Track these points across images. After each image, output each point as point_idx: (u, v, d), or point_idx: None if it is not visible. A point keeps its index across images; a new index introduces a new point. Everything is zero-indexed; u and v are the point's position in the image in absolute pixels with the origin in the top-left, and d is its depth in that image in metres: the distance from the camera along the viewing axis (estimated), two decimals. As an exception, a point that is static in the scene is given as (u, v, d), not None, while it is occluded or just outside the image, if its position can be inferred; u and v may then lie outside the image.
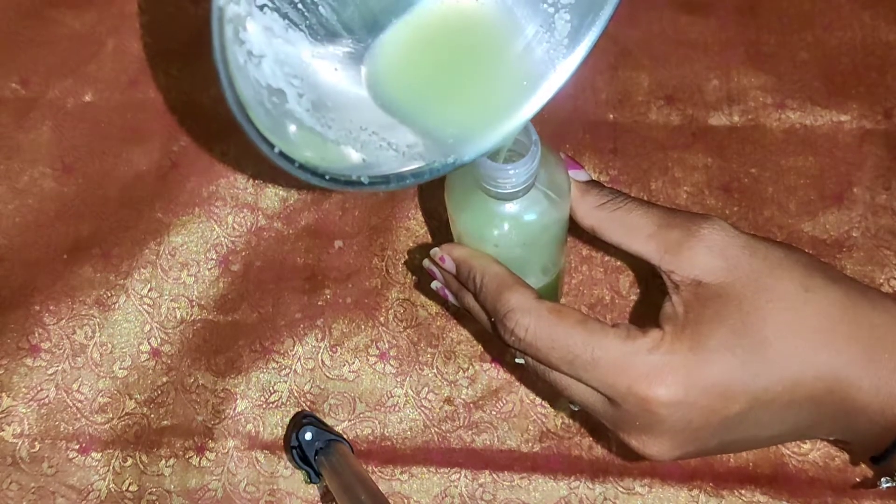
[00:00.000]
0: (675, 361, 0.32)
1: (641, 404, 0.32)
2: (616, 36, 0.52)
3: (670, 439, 0.33)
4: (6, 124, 0.52)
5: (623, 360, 0.32)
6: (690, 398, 0.32)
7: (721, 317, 0.32)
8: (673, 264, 0.34)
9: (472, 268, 0.36)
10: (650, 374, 0.32)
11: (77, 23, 0.53)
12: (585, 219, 0.36)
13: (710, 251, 0.33)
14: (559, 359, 0.33)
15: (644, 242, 0.35)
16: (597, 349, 0.32)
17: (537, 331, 0.33)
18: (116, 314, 0.48)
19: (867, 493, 0.44)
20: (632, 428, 0.33)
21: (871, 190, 0.48)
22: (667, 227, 0.34)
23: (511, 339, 0.34)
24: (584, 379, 0.33)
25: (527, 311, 0.34)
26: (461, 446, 0.46)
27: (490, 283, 0.35)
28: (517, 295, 0.34)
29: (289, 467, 0.46)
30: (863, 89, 0.50)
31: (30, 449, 0.47)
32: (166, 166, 0.51)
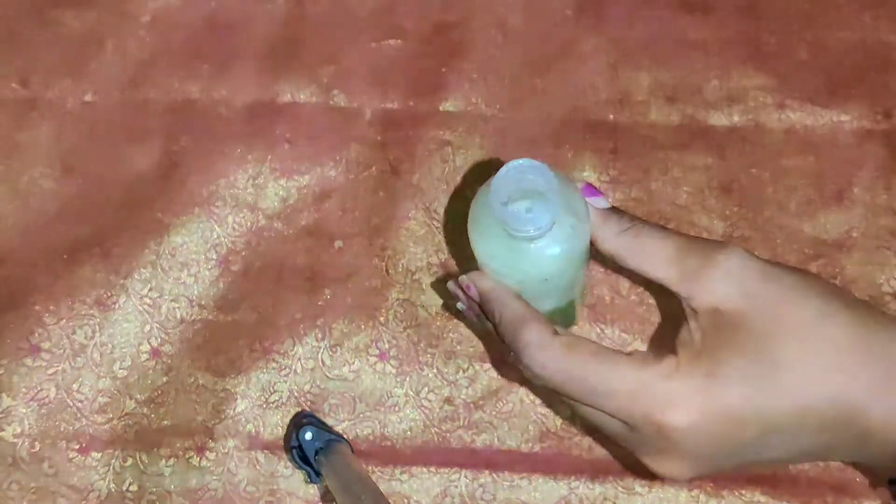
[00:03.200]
0: (690, 388, 0.33)
1: (658, 430, 0.33)
2: (616, 36, 0.52)
3: (686, 462, 0.34)
4: (6, 124, 0.52)
5: (638, 388, 0.33)
6: (705, 424, 0.33)
7: (736, 344, 0.33)
8: (691, 291, 0.34)
9: (492, 301, 0.37)
10: (666, 400, 0.33)
11: (77, 23, 0.53)
12: (606, 246, 0.37)
13: (727, 278, 0.34)
14: (576, 392, 0.34)
15: (663, 269, 0.35)
16: (612, 380, 0.34)
17: (553, 366, 0.34)
18: (116, 314, 0.48)
19: (867, 493, 0.44)
20: (648, 451, 0.35)
21: (871, 190, 0.48)
22: (685, 254, 0.35)
23: (528, 373, 0.35)
24: (601, 408, 0.34)
25: (542, 348, 0.34)
26: (461, 446, 0.46)
27: (508, 317, 0.36)
28: (533, 332, 0.35)
29: (289, 467, 0.46)
30: (863, 89, 0.50)
31: (30, 449, 0.47)
32: (166, 166, 0.51)
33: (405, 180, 0.50)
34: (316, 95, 0.51)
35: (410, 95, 0.51)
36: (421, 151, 0.50)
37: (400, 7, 0.53)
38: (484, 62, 0.52)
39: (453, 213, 0.49)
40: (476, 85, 0.51)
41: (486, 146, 0.50)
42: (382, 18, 0.53)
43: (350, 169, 0.50)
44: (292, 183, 0.50)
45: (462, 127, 0.51)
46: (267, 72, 0.52)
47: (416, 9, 0.53)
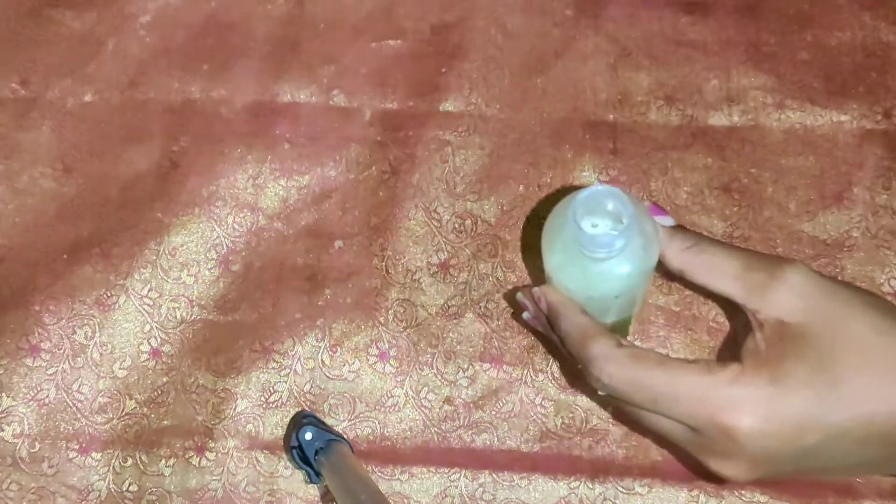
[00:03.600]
0: (755, 393, 0.35)
1: (723, 433, 0.35)
2: (616, 36, 0.52)
3: (748, 464, 0.36)
4: (6, 124, 0.52)
5: (704, 394, 0.35)
6: (769, 428, 0.35)
7: (800, 355, 0.35)
8: (757, 304, 0.37)
9: (560, 315, 0.39)
10: (731, 404, 0.35)
11: (77, 23, 0.53)
12: (673, 262, 0.39)
13: (791, 293, 0.36)
14: (643, 399, 0.37)
15: (730, 284, 0.37)
16: (678, 386, 0.36)
17: (621, 376, 0.36)
18: (116, 314, 0.48)
19: (869, 494, 0.44)
20: (712, 453, 0.37)
21: (871, 190, 0.48)
22: (751, 270, 0.37)
23: (597, 384, 0.37)
24: (668, 414, 0.36)
25: (609, 360, 0.37)
26: (461, 446, 0.46)
27: (575, 331, 0.38)
28: (600, 344, 0.37)
29: (289, 467, 0.46)
30: (863, 89, 0.50)
31: (30, 449, 0.47)
32: (166, 166, 0.51)
33: (405, 180, 0.50)
34: (316, 95, 0.51)
35: (410, 95, 0.51)
36: (421, 151, 0.50)
37: (400, 7, 0.53)
38: (484, 62, 0.52)
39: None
40: (476, 85, 0.51)
41: (486, 146, 0.50)
42: (382, 18, 0.53)
43: (350, 169, 0.50)
44: (292, 183, 0.50)
45: (462, 127, 0.51)
46: (267, 72, 0.52)
47: (416, 9, 0.53)
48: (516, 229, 0.49)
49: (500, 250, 0.49)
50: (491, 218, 0.49)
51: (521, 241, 0.49)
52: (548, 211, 0.39)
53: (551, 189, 0.49)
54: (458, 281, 0.48)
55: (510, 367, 0.47)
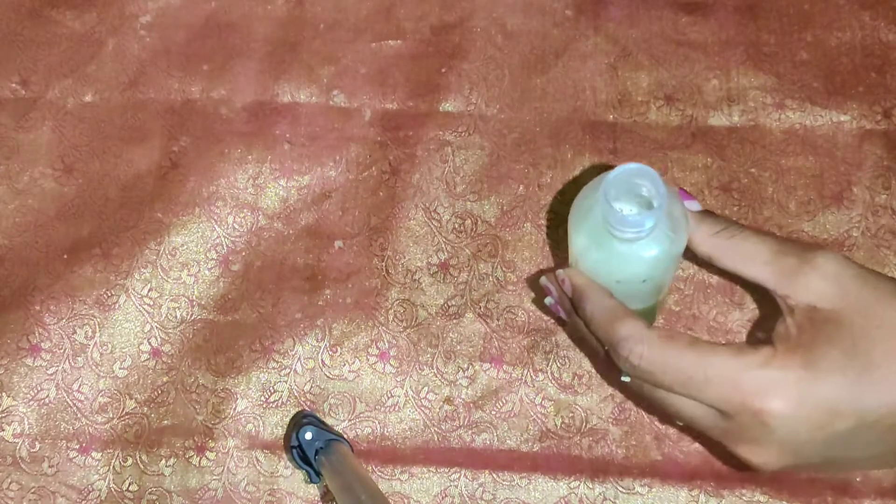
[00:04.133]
0: (788, 377, 0.34)
1: (754, 417, 0.35)
2: (616, 36, 0.52)
3: (777, 450, 0.35)
4: (6, 124, 0.52)
5: (736, 376, 0.35)
6: (801, 412, 0.34)
7: (833, 340, 0.35)
8: (789, 290, 0.36)
9: (585, 298, 0.38)
10: (764, 388, 0.34)
11: (77, 23, 0.53)
12: (702, 247, 0.38)
13: (824, 279, 0.36)
14: (673, 381, 0.36)
15: (760, 269, 0.37)
16: (709, 368, 0.35)
17: (651, 357, 0.36)
18: (117, 314, 0.48)
19: (867, 492, 0.44)
20: (741, 439, 0.36)
21: (871, 190, 0.48)
22: (783, 255, 0.37)
23: (626, 365, 0.37)
24: (697, 397, 0.36)
25: (639, 340, 0.36)
26: (461, 446, 0.46)
27: (602, 314, 0.38)
28: (628, 325, 0.37)
29: (289, 467, 0.46)
30: (862, 89, 0.50)
31: (30, 448, 0.47)
32: (166, 166, 0.51)
33: (405, 180, 0.50)
34: (316, 95, 0.51)
35: (410, 95, 0.51)
36: (421, 151, 0.50)
37: (400, 7, 0.53)
38: (484, 62, 0.52)
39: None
40: (476, 85, 0.51)
41: (486, 146, 0.50)
42: (382, 18, 0.53)
43: (350, 169, 0.50)
44: (292, 183, 0.50)
45: (462, 127, 0.51)
46: (267, 72, 0.52)
47: (416, 9, 0.53)
48: (516, 229, 0.49)
49: (500, 250, 0.49)
50: (491, 218, 0.49)
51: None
52: (572, 196, 0.38)
53: (551, 189, 0.49)
54: (458, 281, 0.48)
55: (510, 366, 0.47)
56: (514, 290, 0.48)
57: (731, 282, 0.47)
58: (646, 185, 0.35)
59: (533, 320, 0.48)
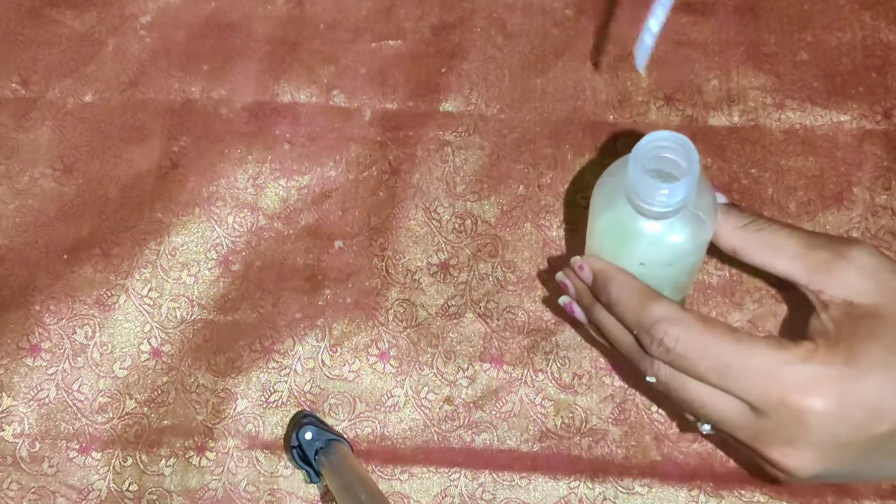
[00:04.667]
0: (830, 373, 0.32)
1: (793, 414, 0.32)
2: (616, 36, 0.52)
3: (814, 453, 0.33)
4: (6, 124, 0.52)
5: (776, 370, 0.33)
6: (843, 411, 0.32)
7: (875, 335, 0.33)
8: (822, 284, 0.35)
9: (609, 281, 0.36)
10: (804, 384, 0.32)
11: (77, 23, 0.53)
12: (728, 241, 0.37)
13: (860, 273, 0.34)
14: (709, 368, 0.33)
15: (791, 263, 0.35)
16: (748, 357, 0.33)
17: (688, 340, 0.33)
18: (117, 314, 0.48)
19: (867, 494, 0.44)
20: (775, 440, 0.33)
21: (871, 190, 0.48)
22: (814, 249, 0.35)
23: (659, 349, 0.34)
24: (733, 389, 0.33)
25: (676, 321, 0.34)
26: (461, 446, 0.47)
27: (631, 296, 0.35)
28: (663, 306, 0.34)
29: (289, 467, 0.46)
30: (863, 89, 0.50)
31: (30, 448, 0.47)
32: (166, 166, 0.51)
33: (405, 180, 0.50)
34: (316, 95, 0.51)
35: (410, 95, 0.51)
36: (421, 151, 0.50)
37: (400, 7, 0.53)
38: (484, 62, 0.52)
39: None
40: (476, 85, 0.51)
41: (486, 146, 0.50)
42: (382, 18, 0.53)
43: (350, 169, 0.50)
44: (292, 183, 0.50)
45: (462, 127, 0.51)
46: (267, 72, 0.52)
47: (416, 9, 0.53)
48: (516, 229, 0.49)
49: (500, 250, 0.49)
50: (491, 218, 0.49)
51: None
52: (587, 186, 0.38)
53: (551, 189, 0.49)
54: (458, 281, 0.48)
55: (510, 367, 0.47)
56: (514, 290, 0.48)
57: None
58: (678, 153, 0.33)
59: (533, 320, 0.48)
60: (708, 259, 0.47)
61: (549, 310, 0.48)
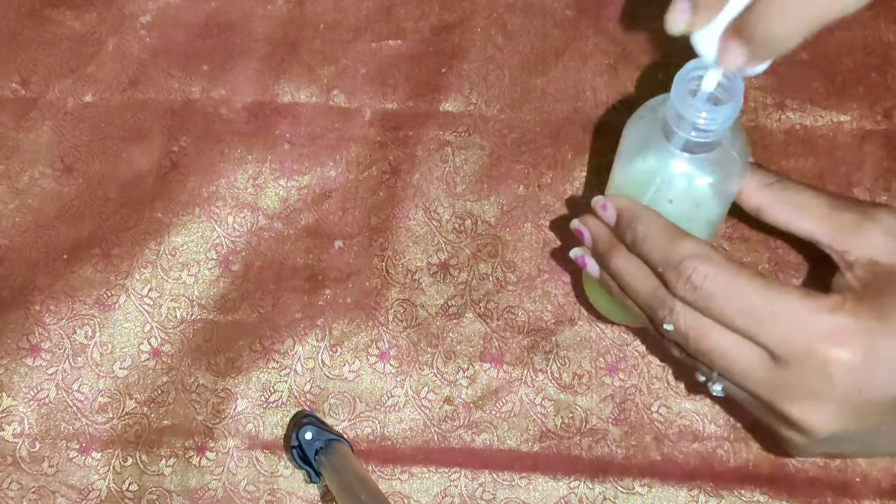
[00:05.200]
0: (858, 325, 0.32)
1: (819, 365, 0.31)
2: (616, 36, 0.52)
3: (836, 408, 0.32)
4: (6, 124, 0.52)
5: (805, 317, 0.32)
6: (869, 365, 0.31)
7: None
8: (847, 244, 0.34)
9: (638, 216, 0.35)
10: (832, 334, 0.31)
11: (77, 23, 0.53)
12: (753, 198, 0.36)
13: (887, 233, 0.34)
14: (736, 310, 0.32)
15: (816, 223, 0.35)
16: (778, 302, 0.32)
17: (717, 278, 0.33)
18: (117, 314, 0.48)
19: (867, 492, 0.44)
20: (796, 394, 0.32)
21: (871, 191, 0.48)
22: (840, 209, 0.35)
23: (686, 287, 0.33)
24: (758, 333, 0.32)
25: (706, 259, 0.33)
26: (461, 446, 0.47)
27: (659, 232, 0.34)
28: (692, 243, 0.34)
29: (289, 467, 0.46)
30: (863, 89, 0.50)
31: (30, 448, 0.47)
32: (166, 166, 0.51)
33: (405, 180, 0.50)
34: (316, 95, 0.51)
35: (410, 95, 0.51)
36: (421, 151, 0.50)
37: (400, 7, 0.53)
38: (484, 62, 0.52)
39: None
40: (476, 85, 0.51)
41: (486, 146, 0.50)
42: (382, 18, 0.53)
43: (350, 169, 0.50)
44: (292, 183, 0.50)
45: (462, 127, 0.51)
46: (267, 72, 0.52)
47: (416, 9, 0.53)
48: (516, 229, 0.49)
49: (500, 250, 0.49)
50: (491, 218, 0.49)
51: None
52: None
53: (551, 189, 0.49)
54: (458, 281, 0.48)
55: (510, 366, 0.47)
56: (514, 290, 0.48)
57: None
58: (724, 90, 0.32)
59: (533, 320, 0.48)
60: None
61: (548, 310, 0.48)
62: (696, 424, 0.46)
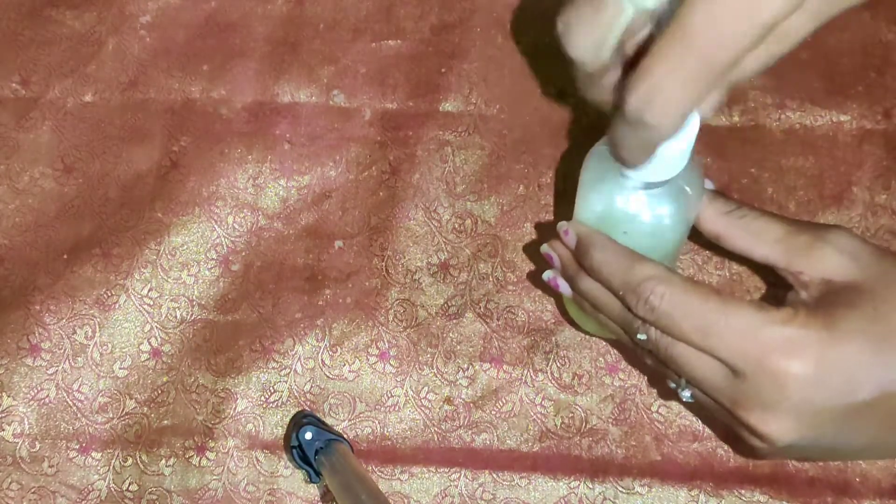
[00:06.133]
0: (809, 336, 0.32)
1: (771, 377, 0.32)
2: (616, 36, 0.51)
3: (792, 419, 0.33)
4: (6, 124, 0.52)
5: (757, 330, 0.33)
6: (821, 376, 0.32)
7: (854, 305, 0.33)
8: (801, 265, 0.35)
9: (592, 245, 0.36)
10: (783, 346, 0.32)
11: (77, 23, 0.53)
12: (711, 225, 0.38)
13: (840, 253, 0.35)
14: (692, 327, 0.34)
15: (771, 247, 0.36)
16: (731, 317, 0.33)
17: (673, 298, 0.34)
18: (117, 314, 0.48)
19: (867, 493, 0.44)
20: (754, 404, 0.33)
21: (870, 190, 0.48)
22: (794, 234, 0.36)
23: (644, 308, 0.34)
24: (714, 349, 0.33)
25: (662, 280, 0.34)
26: (461, 446, 0.47)
27: (615, 258, 0.36)
28: (649, 266, 0.35)
29: (289, 467, 0.46)
30: (862, 89, 0.50)
31: (30, 448, 0.47)
32: (166, 166, 0.51)
33: (405, 180, 0.50)
34: (316, 95, 0.51)
35: (410, 95, 0.51)
36: (421, 151, 0.50)
37: (400, 7, 0.53)
38: (484, 62, 0.52)
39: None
40: (476, 85, 0.51)
41: (486, 146, 0.50)
42: (382, 18, 0.53)
43: (350, 169, 0.50)
44: (292, 183, 0.50)
45: (462, 127, 0.51)
46: (267, 72, 0.52)
47: (416, 9, 0.53)
48: (516, 229, 0.49)
49: (500, 250, 0.49)
50: (491, 218, 0.49)
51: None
52: None
53: (551, 189, 0.49)
54: (458, 281, 0.48)
55: (510, 367, 0.47)
56: (514, 290, 0.48)
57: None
58: None
59: (533, 320, 0.48)
60: (708, 258, 0.47)
61: (549, 310, 0.48)
62: (696, 424, 0.46)
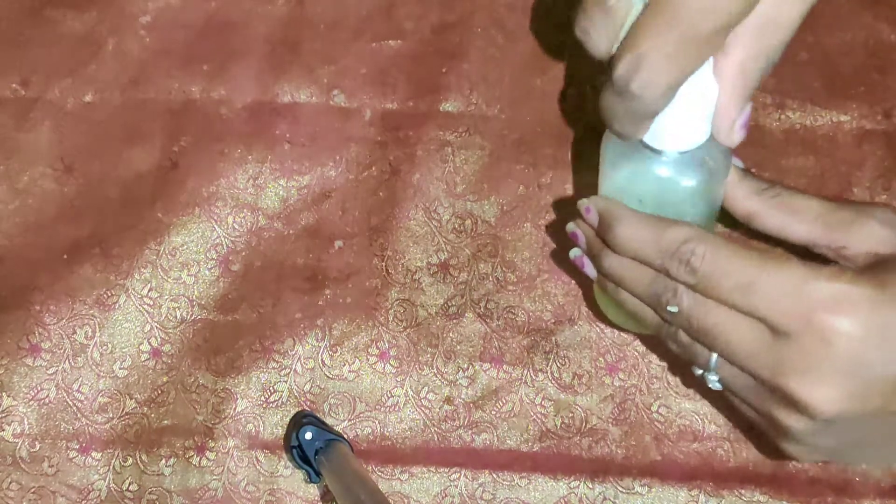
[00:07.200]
0: (859, 293, 0.30)
1: (818, 335, 0.30)
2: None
3: (839, 384, 0.31)
4: (6, 124, 0.52)
5: (805, 286, 0.31)
6: (872, 337, 0.30)
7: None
8: (844, 240, 0.34)
9: (615, 218, 0.35)
10: (833, 302, 0.30)
11: (77, 23, 0.53)
12: (743, 205, 0.36)
13: (884, 225, 0.33)
14: (734, 285, 0.32)
15: (810, 224, 0.35)
16: (775, 274, 0.31)
17: (715, 257, 0.32)
18: (117, 314, 0.48)
19: (867, 492, 0.44)
20: (797, 369, 0.31)
21: (871, 190, 0.48)
22: (835, 210, 0.35)
23: (685, 270, 0.33)
24: (757, 307, 0.32)
25: (701, 240, 0.33)
26: (461, 446, 0.47)
27: (643, 228, 0.34)
28: (684, 228, 0.33)
29: (289, 467, 0.46)
30: (863, 90, 0.50)
31: (30, 448, 0.47)
32: (166, 166, 0.51)
33: (405, 180, 0.50)
34: (316, 95, 0.51)
35: (410, 95, 0.51)
36: (421, 151, 0.50)
37: (400, 7, 0.53)
38: (484, 62, 0.52)
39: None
40: (476, 85, 0.51)
41: (486, 146, 0.50)
42: (382, 18, 0.53)
43: (350, 169, 0.50)
44: (292, 183, 0.50)
45: (462, 127, 0.51)
46: (267, 72, 0.52)
47: (416, 9, 0.53)
48: (516, 229, 0.49)
49: (500, 250, 0.49)
50: (491, 218, 0.49)
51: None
52: None
53: (551, 189, 0.49)
54: (458, 281, 0.48)
55: (510, 367, 0.47)
56: (514, 290, 0.48)
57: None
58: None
59: (533, 320, 0.48)
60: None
61: (549, 310, 0.48)
62: (696, 424, 0.46)
